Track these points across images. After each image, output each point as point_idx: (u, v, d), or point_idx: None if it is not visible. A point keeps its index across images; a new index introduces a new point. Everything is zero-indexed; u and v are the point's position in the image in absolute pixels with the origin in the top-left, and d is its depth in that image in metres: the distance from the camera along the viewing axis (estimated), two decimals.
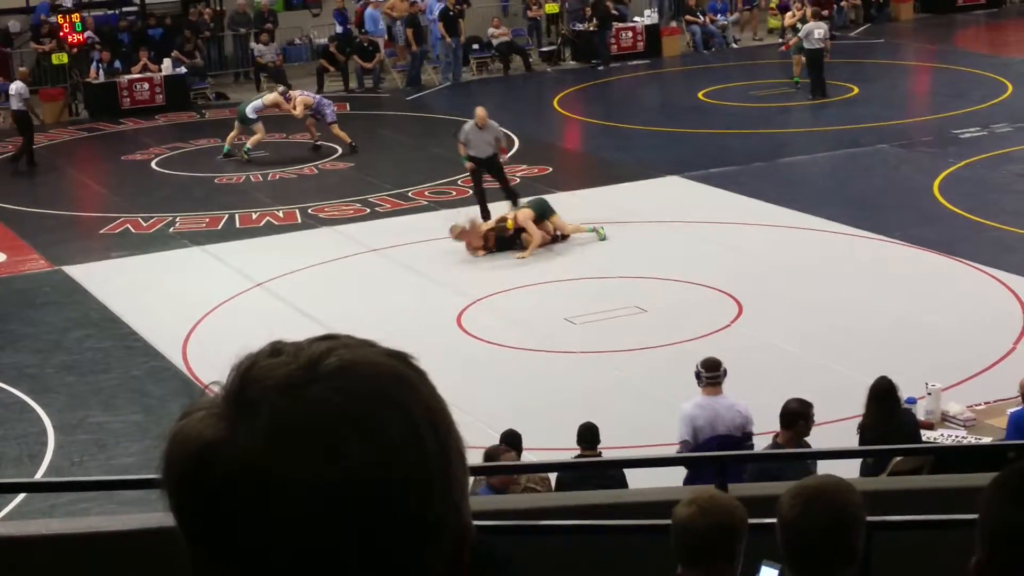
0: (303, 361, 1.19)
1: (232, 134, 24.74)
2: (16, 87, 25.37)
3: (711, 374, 11.13)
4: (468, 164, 20.25)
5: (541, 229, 18.62)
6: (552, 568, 6.38)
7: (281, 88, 25.85)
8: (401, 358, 1.25)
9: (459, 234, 18.48)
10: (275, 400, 1.16)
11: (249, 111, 24.11)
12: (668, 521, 4.14)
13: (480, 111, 20.45)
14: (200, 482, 1.16)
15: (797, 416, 10.20)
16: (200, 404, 1.21)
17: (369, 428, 1.16)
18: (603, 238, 18.79)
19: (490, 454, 9.80)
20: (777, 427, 10.47)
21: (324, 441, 1.15)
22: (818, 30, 27.36)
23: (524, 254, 18.35)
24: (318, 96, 25.88)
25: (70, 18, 30.01)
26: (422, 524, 1.18)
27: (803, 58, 27.92)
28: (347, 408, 1.16)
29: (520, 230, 18.57)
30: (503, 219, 18.87)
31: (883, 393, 10.91)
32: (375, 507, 1.15)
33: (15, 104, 25.23)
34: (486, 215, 19.42)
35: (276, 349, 1.22)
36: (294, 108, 24.80)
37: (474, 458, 11.55)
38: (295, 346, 1.22)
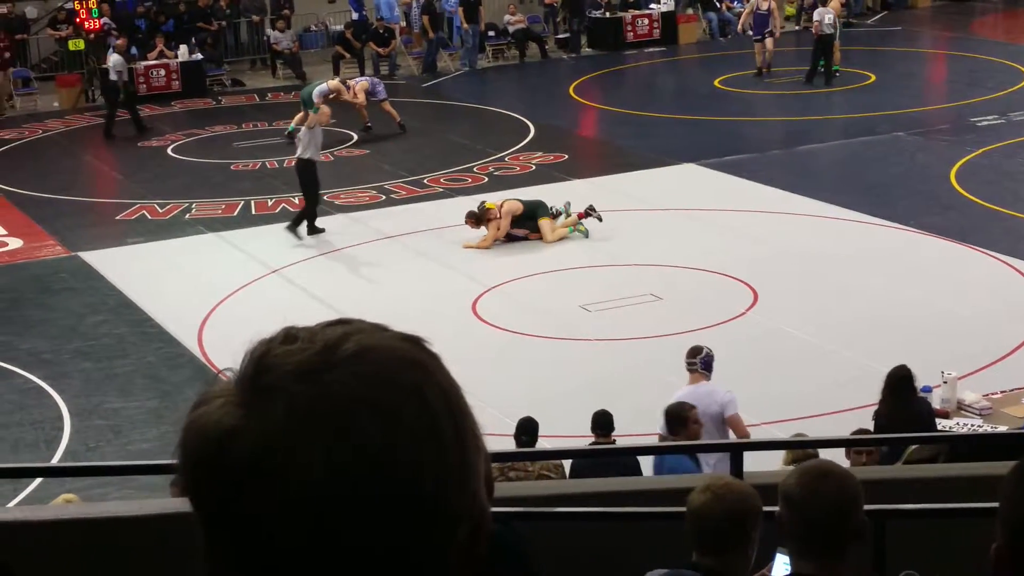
0: (319, 347, 1.19)
1: (299, 116, 24.89)
2: (114, 60, 26.26)
3: (688, 360, 11.20)
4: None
5: (525, 228, 18.53)
6: (566, 554, 6.39)
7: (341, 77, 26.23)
8: (415, 342, 1.24)
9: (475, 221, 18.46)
10: (292, 386, 1.16)
11: (315, 95, 24.18)
12: (682, 508, 4.15)
13: (325, 109, 20.27)
14: (218, 468, 1.16)
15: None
16: (215, 391, 1.21)
17: (386, 413, 1.16)
18: (586, 235, 18.51)
19: (675, 411, 9.89)
20: (784, 415, 10.47)
21: (341, 425, 1.15)
22: (828, 15, 27.42)
23: (476, 243, 18.29)
24: (372, 78, 26.13)
25: (87, 4, 30.03)
26: (438, 509, 1.18)
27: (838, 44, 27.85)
28: (364, 393, 1.16)
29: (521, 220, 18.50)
30: (483, 204, 18.83)
31: (899, 381, 10.89)
32: (391, 491, 1.15)
33: (112, 75, 26.19)
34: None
35: (290, 335, 1.22)
36: (355, 96, 24.89)
37: (492, 445, 11.57)
38: (309, 332, 1.22)
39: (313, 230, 18.93)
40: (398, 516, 1.16)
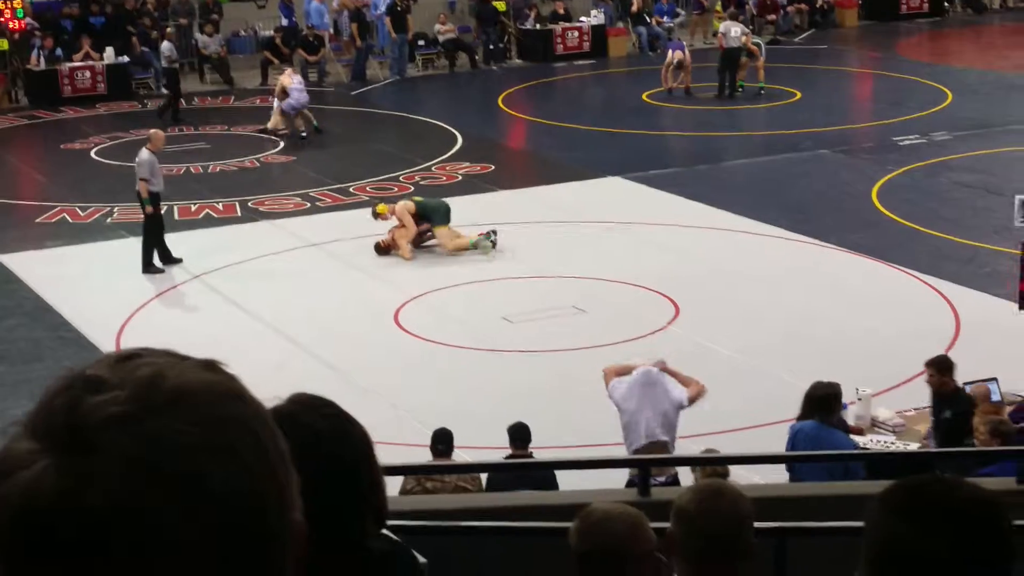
0: (131, 392, 1.12)
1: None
2: (166, 47, 27.46)
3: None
4: (151, 208, 17.70)
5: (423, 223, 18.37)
6: (479, 569, 6.38)
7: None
8: (217, 368, 1.20)
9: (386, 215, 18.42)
10: (117, 440, 1.10)
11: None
12: None
13: (159, 133, 18.77)
14: (54, 544, 1.08)
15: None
16: (18, 459, 1.12)
17: (221, 451, 1.13)
18: (488, 253, 18.16)
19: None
20: (703, 430, 10.51)
21: (180, 473, 1.10)
22: (734, 28, 27.73)
23: (400, 254, 18.18)
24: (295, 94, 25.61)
25: (11, 3, 29.68)
26: (275, 533, 1.17)
27: (749, 61, 28.22)
28: (195, 437, 1.12)
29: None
30: (375, 207, 18.76)
31: (818, 399, 10.95)
32: (241, 529, 1.13)
33: (164, 62, 27.66)
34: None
35: (92, 380, 1.14)
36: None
37: (411, 456, 11.54)
38: (110, 373, 1.15)
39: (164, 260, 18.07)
40: (250, 550, 1.14)
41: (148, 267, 17.78)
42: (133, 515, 1.08)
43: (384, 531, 2.70)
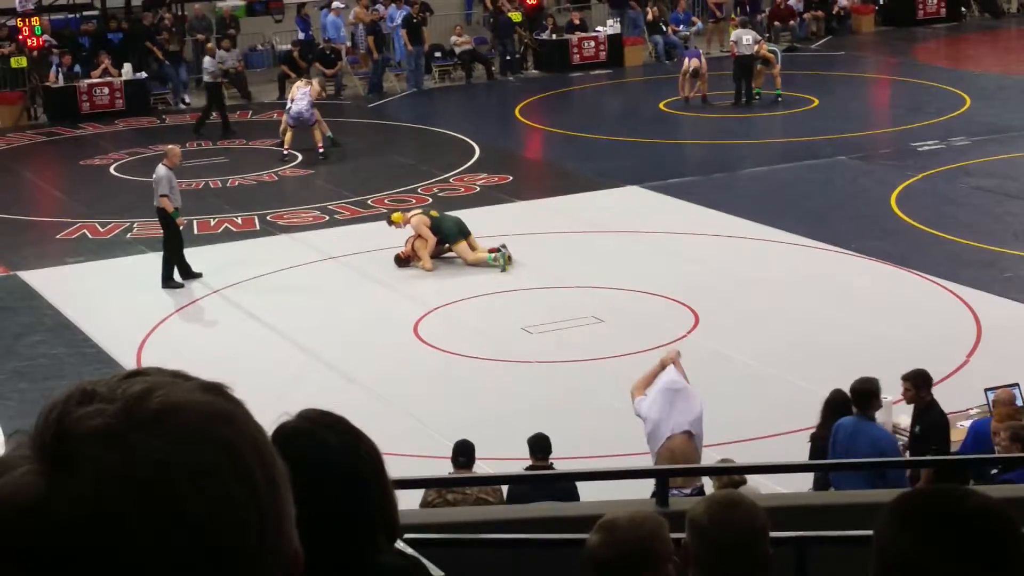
0: (119, 406, 1.14)
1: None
2: (208, 62, 27.75)
3: None
4: (183, 221, 18.34)
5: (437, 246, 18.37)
6: None
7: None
8: (218, 391, 1.20)
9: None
10: (96, 452, 1.11)
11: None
12: None
13: (175, 149, 18.75)
14: (23, 548, 1.10)
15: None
16: (10, 462, 1.14)
17: (200, 472, 1.13)
18: (505, 267, 18.06)
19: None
20: (727, 438, 10.49)
21: (154, 491, 1.11)
22: (746, 36, 27.70)
23: (422, 264, 18.21)
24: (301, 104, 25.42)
25: (29, 21, 29.82)
26: (257, 560, 1.16)
27: (765, 69, 28.23)
28: (175, 454, 1.12)
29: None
30: (390, 216, 18.81)
31: (837, 405, 10.97)
32: (213, 550, 1.12)
33: (206, 77, 27.86)
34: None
35: (87, 393, 1.16)
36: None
37: (432, 469, 11.54)
38: (108, 388, 1.16)
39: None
40: (221, 572, 1.13)
41: (168, 282, 17.83)
42: (100, 528, 1.09)
43: (400, 545, 2.70)
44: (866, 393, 10.40)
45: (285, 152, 24.67)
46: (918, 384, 10.91)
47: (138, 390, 1.16)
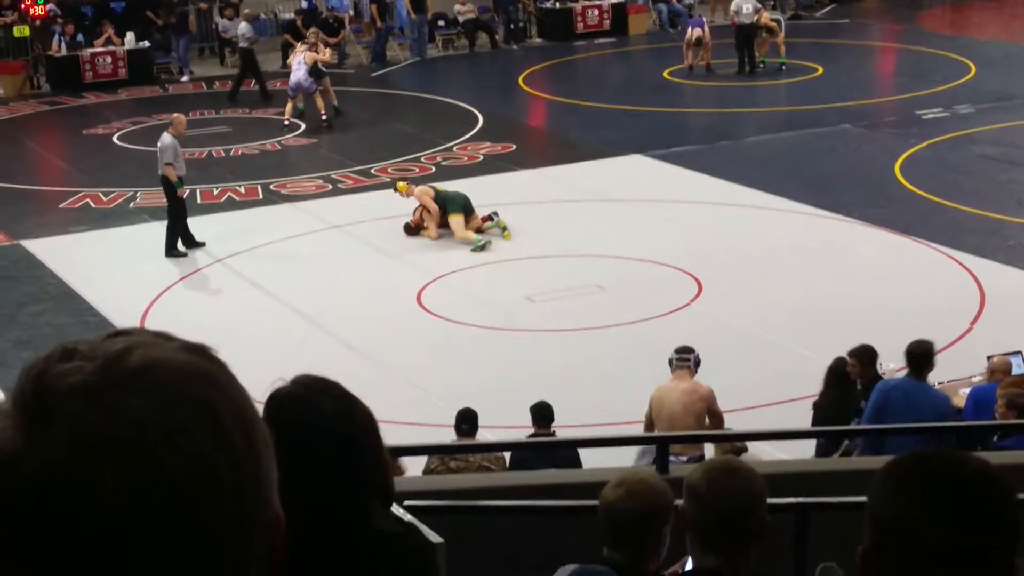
0: (98, 364, 1.13)
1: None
2: (243, 27, 27.72)
3: (681, 356, 11.17)
4: (184, 190, 18.03)
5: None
6: (502, 548, 6.40)
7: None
8: (201, 351, 1.19)
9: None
10: (73, 408, 1.11)
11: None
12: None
13: (180, 117, 18.58)
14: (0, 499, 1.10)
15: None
16: None
17: (176, 431, 1.12)
18: (505, 233, 18.05)
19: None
20: (730, 405, 10.50)
21: (129, 449, 1.10)
22: (746, 5, 27.59)
23: (428, 233, 18.18)
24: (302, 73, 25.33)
25: None
26: (236, 523, 1.15)
27: (769, 37, 28.14)
28: (151, 412, 1.12)
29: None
30: (395, 185, 18.80)
31: (839, 374, 10.98)
32: (189, 511, 1.11)
33: (241, 43, 27.77)
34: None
35: (68, 351, 1.16)
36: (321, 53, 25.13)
37: (435, 436, 11.56)
38: (89, 346, 1.16)
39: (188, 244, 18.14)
40: (197, 535, 1.12)
41: (171, 251, 17.83)
42: (74, 484, 1.09)
43: (397, 511, 2.71)
44: (923, 355, 10.33)
45: (286, 122, 24.62)
46: (863, 361, 10.86)
47: (118, 348, 1.15)
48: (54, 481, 1.09)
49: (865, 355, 10.91)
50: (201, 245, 18.05)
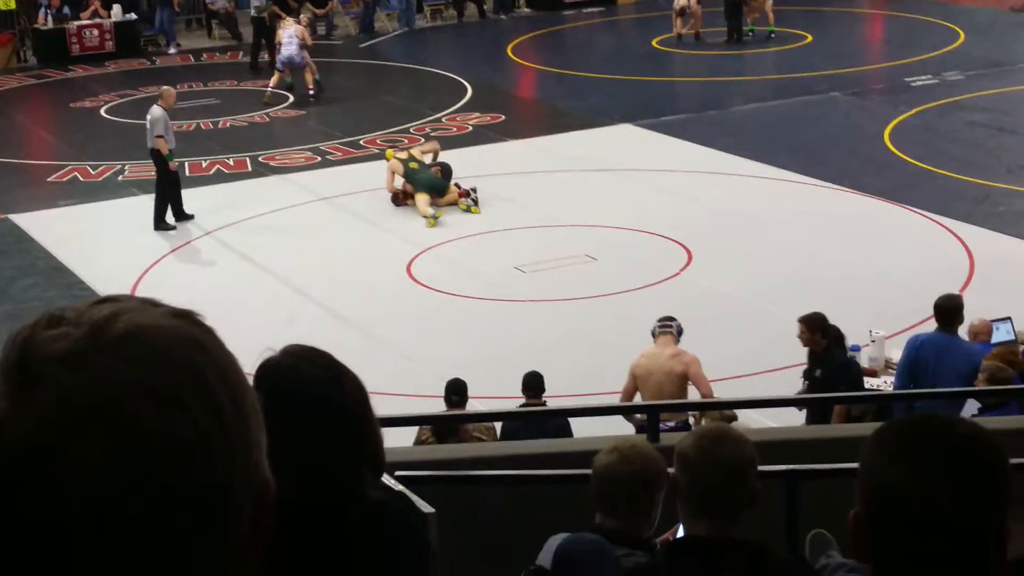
0: (85, 330, 1.13)
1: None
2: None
3: (664, 324, 11.22)
4: (175, 164, 17.87)
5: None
6: (493, 517, 6.40)
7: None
8: (188, 317, 1.19)
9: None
10: (58, 374, 1.11)
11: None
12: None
13: (170, 89, 18.57)
14: None
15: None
16: None
17: (162, 397, 1.11)
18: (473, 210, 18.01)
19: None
20: (721, 374, 10.51)
21: (116, 413, 1.10)
22: None
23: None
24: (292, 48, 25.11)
25: None
26: (224, 487, 1.14)
27: (755, 4, 28.11)
28: (137, 377, 1.11)
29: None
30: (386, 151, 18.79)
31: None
32: (176, 476, 1.11)
33: (252, 12, 27.66)
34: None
35: (54, 317, 1.16)
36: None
37: (424, 408, 11.57)
38: (76, 312, 1.16)
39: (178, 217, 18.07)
40: (185, 500, 1.12)
41: (160, 224, 17.79)
42: (60, 451, 1.09)
43: (387, 480, 2.70)
44: (953, 309, 10.35)
45: (268, 96, 24.31)
46: (812, 327, 10.76)
47: (105, 314, 1.15)
48: (41, 447, 1.09)
49: (814, 322, 10.82)
50: (190, 218, 18.01)
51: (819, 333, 10.72)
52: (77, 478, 1.09)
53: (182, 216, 17.94)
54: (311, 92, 24.39)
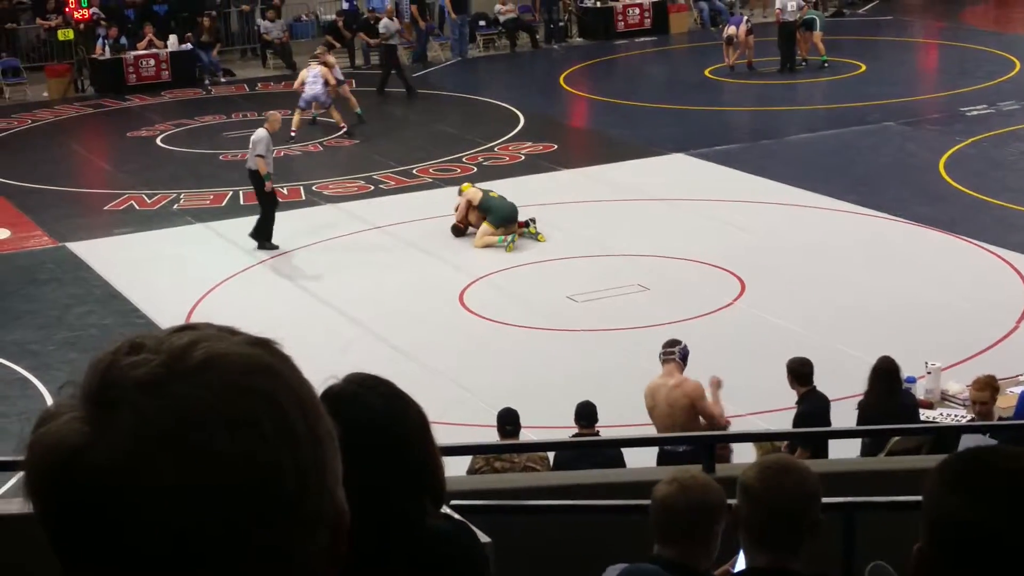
0: (164, 357, 1.15)
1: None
2: (384, 23, 28.51)
3: (667, 351, 11.18)
4: (270, 184, 18.19)
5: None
6: (547, 547, 6.39)
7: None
8: (265, 345, 1.21)
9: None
10: (138, 400, 1.13)
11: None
12: None
13: (276, 114, 19.35)
14: (66, 488, 1.13)
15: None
16: (59, 408, 1.17)
17: (239, 423, 1.13)
18: (515, 239, 17.93)
19: None
20: (770, 406, 10.44)
21: (193, 440, 1.12)
22: (791, 3, 27.45)
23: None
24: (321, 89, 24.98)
25: None
26: (298, 517, 1.16)
27: (809, 35, 28.03)
28: (214, 404, 1.13)
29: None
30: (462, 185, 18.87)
31: (884, 373, 10.90)
32: (251, 504, 1.13)
33: (386, 40, 28.39)
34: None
35: (135, 345, 1.18)
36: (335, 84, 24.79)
37: (476, 437, 11.57)
38: (155, 340, 1.18)
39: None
40: (258, 523, 1.14)
41: (264, 243, 18.02)
42: (136, 475, 1.11)
43: (446, 510, 2.71)
44: None
45: (293, 133, 24.11)
46: (798, 377, 10.82)
47: (184, 342, 1.17)
48: (118, 472, 1.11)
49: (795, 372, 10.82)
50: (275, 247, 18.11)
51: (796, 383, 10.73)
52: (153, 504, 1.11)
53: (266, 242, 18.12)
54: (343, 128, 24.29)
